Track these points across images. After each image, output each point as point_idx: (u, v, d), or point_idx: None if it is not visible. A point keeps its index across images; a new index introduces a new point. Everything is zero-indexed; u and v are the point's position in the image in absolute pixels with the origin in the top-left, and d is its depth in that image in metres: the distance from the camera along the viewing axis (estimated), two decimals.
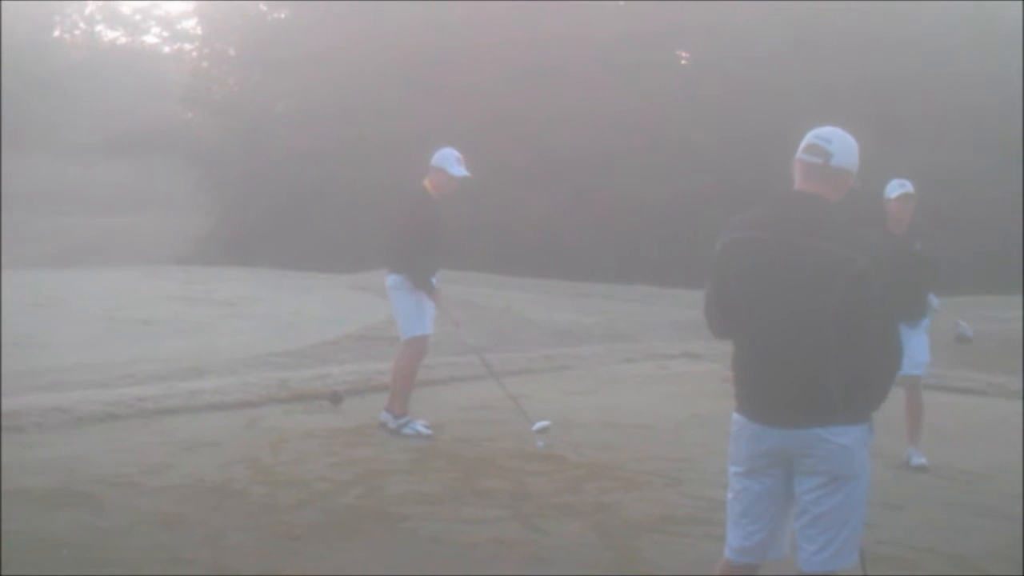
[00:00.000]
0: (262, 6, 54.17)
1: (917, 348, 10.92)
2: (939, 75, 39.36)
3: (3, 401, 12.31)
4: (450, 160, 11.87)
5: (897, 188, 10.84)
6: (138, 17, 76.83)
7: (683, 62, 48.06)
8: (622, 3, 46.49)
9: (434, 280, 12.01)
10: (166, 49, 73.18)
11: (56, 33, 77.65)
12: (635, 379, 16.26)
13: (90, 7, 78.23)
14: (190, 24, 63.09)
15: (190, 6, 61.91)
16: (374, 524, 8.67)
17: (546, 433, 11.23)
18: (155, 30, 75.90)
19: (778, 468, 5.72)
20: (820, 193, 5.69)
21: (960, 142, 38.22)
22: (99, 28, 79.45)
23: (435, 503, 9.29)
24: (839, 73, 39.46)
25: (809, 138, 5.79)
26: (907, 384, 11.00)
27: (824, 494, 5.61)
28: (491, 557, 8.05)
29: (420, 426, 11.79)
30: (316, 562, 7.81)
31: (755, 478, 5.79)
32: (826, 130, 5.80)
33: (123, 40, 79.06)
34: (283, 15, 53.01)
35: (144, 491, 9.30)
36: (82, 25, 78.98)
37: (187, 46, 63.32)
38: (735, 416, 5.86)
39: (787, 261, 5.58)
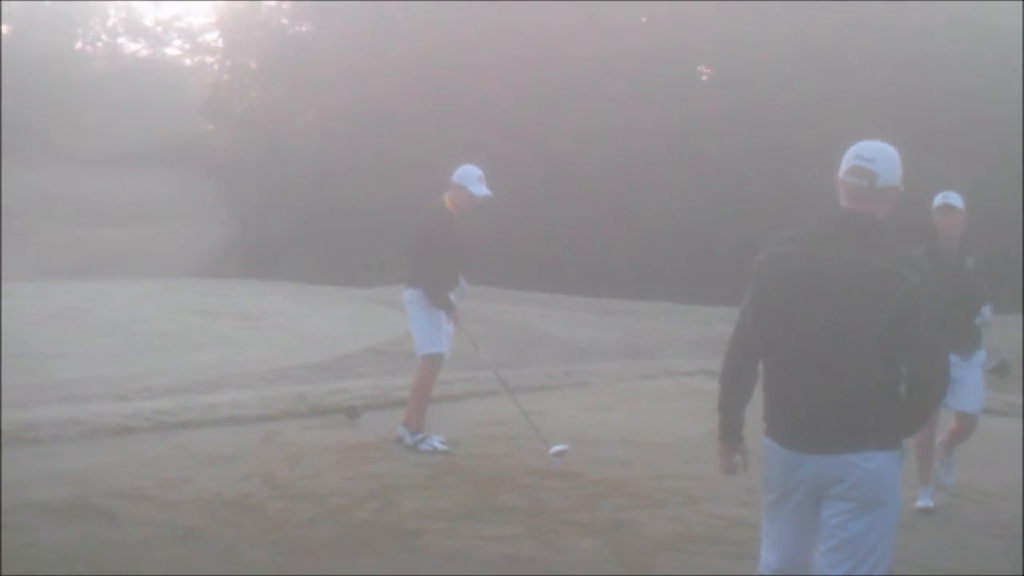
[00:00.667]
0: (284, 20, 54.30)
1: (974, 384, 10.60)
2: (949, 89, 39.36)
3: (20, 413, 12.37)
4: (472, 178, 11.83)
5: (939, 199, 10.64)
6: (160, 29, 76.91)
7: (704, 78, 48.07)
8: (645, 20, 46.49)
9: (452, 297, 12.01)
10: (187, 61, 73.36)
11: (78, 45, 77.81)
12: (653, 396, 16.22)
13: (112, 19, 78.38)
14: (212, 37, 63.21)
15: (212, 19, 61.94)
16: (389, 539, 8.67)
17: (563, 456, 11.18)
18: (177, 42, 76.05)
19: (810, 496, 5.68)
20: (868, 211, 5.63)
21: (962, 156, 38.17)
22: (121, 40, 79.59)
23: (451, 519, 9.28)
24: (860, 89, 39.42)
25: (851, 159, 5.68)
26: (963, 420, 10.77)
27: (851, 518, 5.57)
28: (506, 574, 8.04)
29: (436, 442, 11.77)
30: None
31: (787, 504, 5.77)
32: (868, 149, 5.68)
33: (145, 52, 79.15)
34: (304, 28, 53.14)
35: (160, 505, 9.31)
36: (104, 37, 79.12)
37: (208, 59, 63.50)
38: (766, 441, 5.82)
39: (836, 277, 5.52)
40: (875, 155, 5.66)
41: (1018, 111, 36.89)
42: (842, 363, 5.51)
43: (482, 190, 11.84)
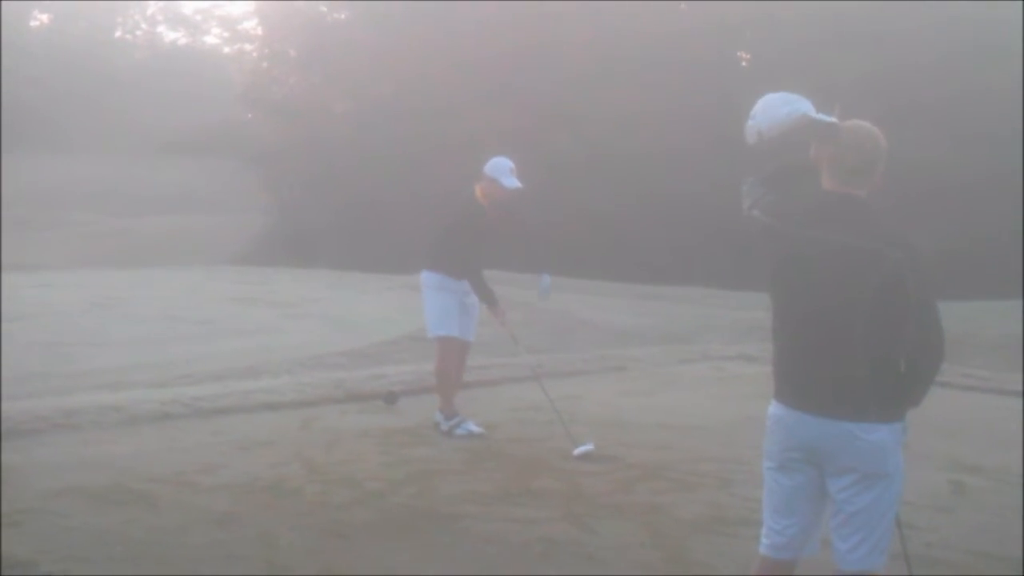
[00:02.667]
0: (322, 7, 54.39)
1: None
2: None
3: (61, 400, 12.47)
4: (503, 171, 11.78)
5: None
6: (199, 18, 77.36)
7: (743, 63, 47.94)
8: (684, 4, 46.40)
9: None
10: (226, 50, 73.55)
11: (118, 34, 78.15)
12: (690, 380, 16.22)
13: (151, 8, 78.76)
14: (250, 25, 63.39)
15: (251, 7, 62.21)
16: (426, 523, 8.69)
17: (588, 457, 11.13)
18: (215, 31, 76.35)
19: (809, 465, 5.69)
20: (853, 192, 5.69)
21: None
22: (160, 29, 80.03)
23: (487, 503, 9.30)
24: (898, 64, 39.24)
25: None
26: None
27: (856, 492, 5.58)
28: (542, 557, 8.05)
29: (472, 425, 11.80)
30: (368, 561, 7.84)
31: (787, 474, 5.78)
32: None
33: (184, 41, 79.60)
34: (343, 16, 53.21)
35: (199, 490, 9.36)
36: (143, 26, 79.55)
37: (247, 47, 63.65)
38: (770, 409, 5.83)
39: (821, 258, 5.57)
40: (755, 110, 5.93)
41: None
42: (832, 340, 5.57)
43: (513, 183, 11.79)
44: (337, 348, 18.30)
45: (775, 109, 5.80)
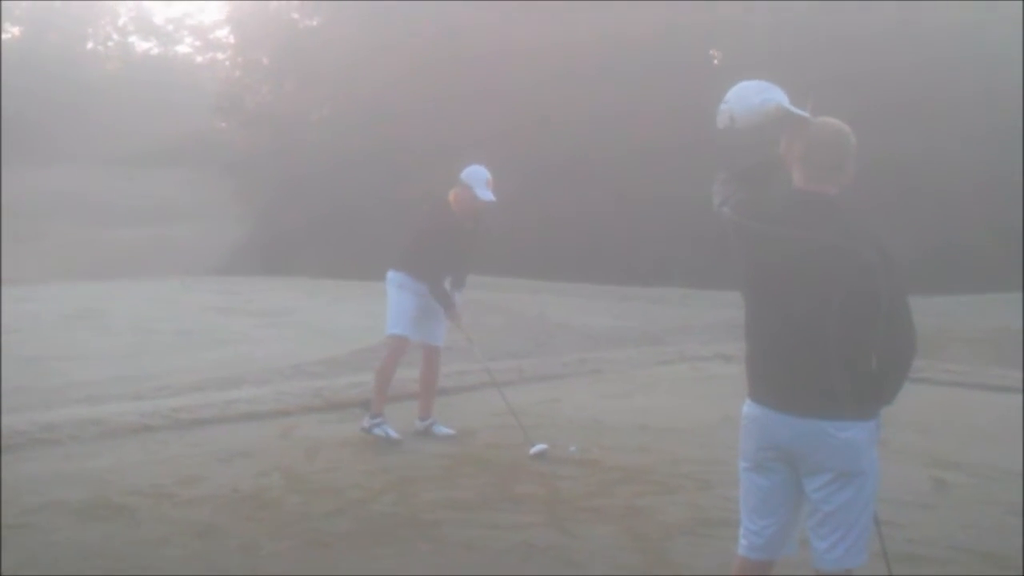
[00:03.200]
0: (294, 14, 54.28)
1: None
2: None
3: (39, 414, 12.46)
4: (479, 181, 11.77)
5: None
6: (171, 27, 77.01)
7: (715, 62, 47.99)
8: (658, 3, 46.46)
9: (458, 295, 12.11)
10: (199, 59, 73.43)
11: (89, 45, 77.89)
12: (668, 382, 16.26)
13: (123, 18, 78.47)
14: (223, 33, 63.29)
15: (223, 15, 61.97)
16: (407, 531, 8.71)
17: (542, 458, 11.15)
18: (188, 40, 76.10)
19: (785, 464, 5.70)
20: (822, 191, 5.70)
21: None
22: (132, 39, 79.65)
23: (468, 509, 9.33)
24: (876, 65, 39.33)
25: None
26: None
27: (832, 491, 5.59)
28: (523, 562, 8.08)
29: (390, 429, 11.79)
30: (350, 569, 7.86)
31: (763, 473, 5.79)
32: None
33: (156, 51, 79.26)
34: (315, 23, 53.10)
35: (179, 502, 9.37)
36: (115, 36, 79.15)
37: (220, 55, 63.56)
38: (744, 409, 5.84)
39: (792, 257, 5.58)
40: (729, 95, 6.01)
41: (1018, 86, 36.77)
42: (804, 339, 5.57)
43: (488, 195, 11.78)
44: (315, 356, 18.31)
45: (750, 96, 5.84)
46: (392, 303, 12.02)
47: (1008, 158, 36.59)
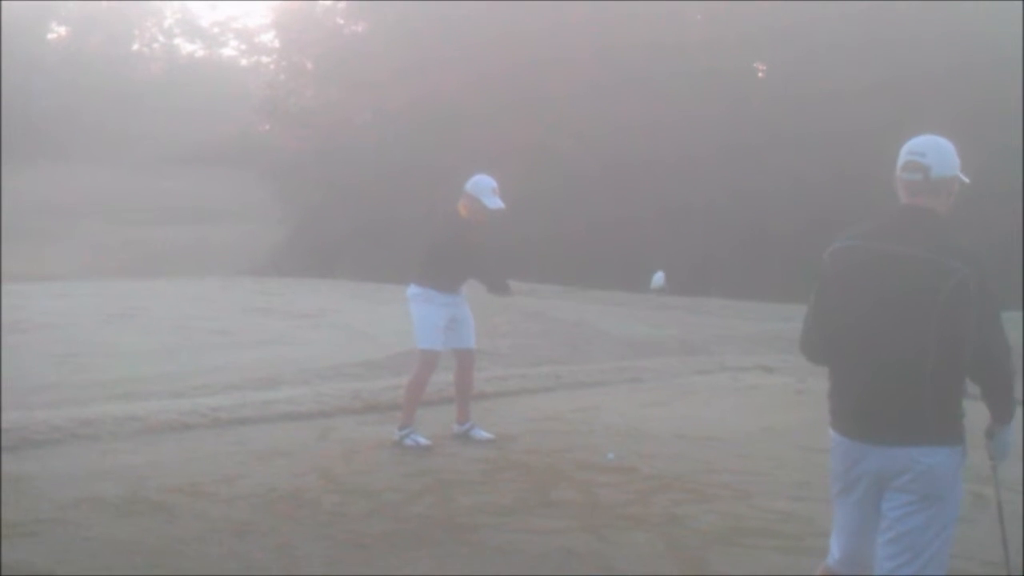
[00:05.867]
0: (339, 19, 54.44)
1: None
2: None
3: (79, 410, 12.49)
4: (485, 190, 11.74)
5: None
6: (216, 30, 77.41)
7: (760, 75, 47.95)
8: (699, 12, 46.42)
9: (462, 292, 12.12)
10: (244, 62, 73.78)
11: (135, 46, 78.27)
12: (707, 391, 16.18)
13: (168, 20, 78.82)
14: (268, 37, 63.51)
15: (268, 19, 62.14)
16: (443, 534, 8.70)
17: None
18: (233, 43, 76.61)
19: (873, 487, 5.71)
20: (928, 205, 5.70)
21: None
22: (177, 41, 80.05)
23: (505, 514, 9.30)
24: (911, 72, 39.21)
25: (904, 156, 5.77)
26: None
27: (910, 512, 5.59)
28: (560, 567, 8.05)
29: (420, 438, 11.76)
30: (386, 571, 7.85)
31: (851, 495, 5.81)
32: (920, 144, 5.77)
33: (201, 53, 79.65)
34: (360, 28, 53.26)
35: (216, 500, 9.37)
36: (160, 38, 79.58)
37: (264, 59, 63.79)
38: (831, 432, 5.87)
39: (890, 270, 5.58)
40: (926, 148, 5.73)
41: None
42: (898, 357, 5.55)
43: (496, 203, 11.75)
44: (355, 359, 18.30)
45: (950, 158, 5.76)
46: (418, 317, 11.97)
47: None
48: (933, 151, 5.73)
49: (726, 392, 16.15)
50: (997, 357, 5.61)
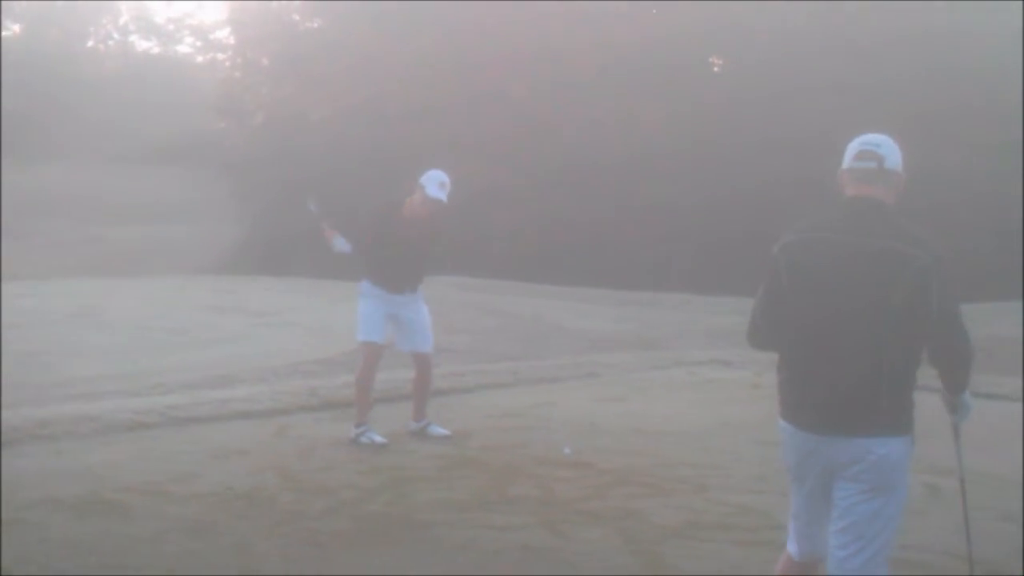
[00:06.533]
0: (295, 16, 54.31)
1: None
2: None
3: (34, 410, 12.45)
4: (433, 182, 11.83)
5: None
6: (171, 27, 77.01)
7: (716, 69, 48.03)
8: (655, 10, 46.49)
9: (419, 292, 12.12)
10: (199, 59, 73.42)
11: (90, 43, 77.87)
12: (664, 386, 16.25)
13: (124, 17, 78.45)
14: (223, 34, 63.32)
15: (223, 16, 61.94)
16: (401, 531, 8.70)
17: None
18: (188, 40, 76.13)
19: (825, 476, 5.76)
20: (878, 196, 5.75)
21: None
22: (132, 38, 79.64)
23: (462, 510, 9.31)
24: (874, 74, 39.37)
25: (857, 146, 5.86)
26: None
27: (861, 501, 5.63)
28: (517, 563, 8.07)
29: (375, 435, 11.77)
30: (343, 569, 7.84)
31: (805, 481, 5.87)
32: (871, 136, 5.88)
33: (156, 50, 79.25)
34: (316, 24, 53.15)
35: (173, 499, 9.36)
36: (115, 35, 79.15)
37: (220, 56, 63.58)
38: (781, 423, 5.91)
39: (847, 260, 5.60)
40: (880, 141, 5.85)
41: (1019, 94, 36.80)
42: (855, 345, 5.58)
43: (436, 193, 11.79)
44: (311, 356, 18.31)
45: (898, 154, 5.87)
46: (360, 311, 12.05)
47: (1009, 167, 36.64)
48: (885, 144, 5.83)
49: (683, 387, 16.22)
50: (960, 342, 5.68)
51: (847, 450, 5.60)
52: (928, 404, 5.92)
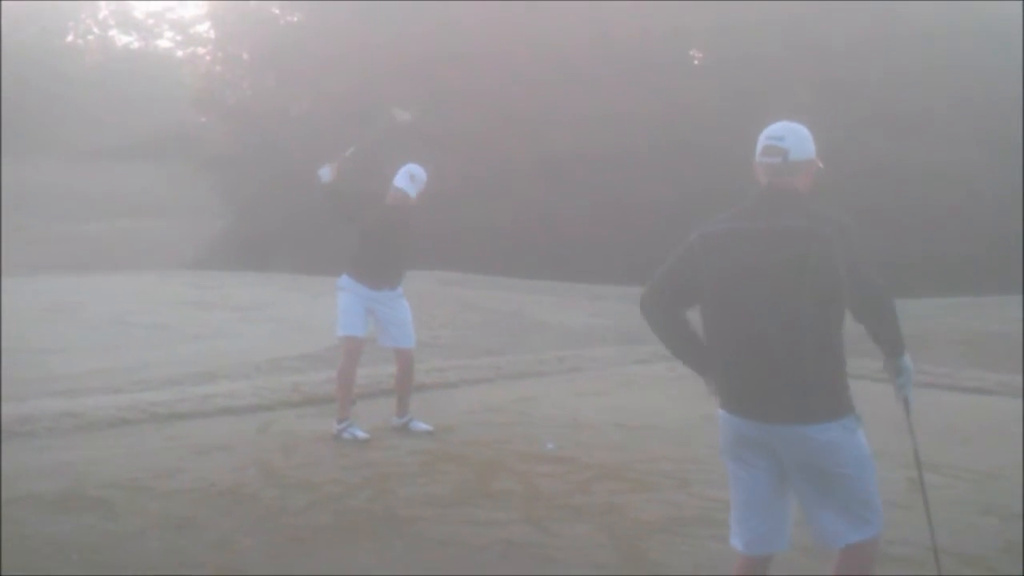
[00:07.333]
0: (275, 9, 54.20)
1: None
2: (941, 71, 39.38)
3: (16, 406, 12.42)
4: (404, 174, 12.15)
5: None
6: (151, 21, 76.93)
7: (696, 62, 48.04)
8: (633, 3, 46.46)
9: (399, 289, 12.14)
10: (179, 53, 73.14)
11: (69, 38, 77.74)
12: (646, 381, 16.25)
13: (103, 12, 78.32)
14: (203, 28, 63.12)
15: (203, 10, 61.77)
16: (384, 527, 8.70)
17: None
18: (168, 34, 75.95)
19: (766, 459, 5.74)
20: (788, 184, 5.80)
21: (962, 138, 38.20)
22: (112, 33, 79.57)
23: (445, 505, 9.32)
24: (849, 71, 39.43)
25: (763, 141, 5.92)
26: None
27: (816, 484, 5.66)
28: (500, 558, 8.07)
29: (358, 431, 11.79)
30: (326, 565, 7.84)
31: (744, 468, 5.84)
32: (778, 129, 5.92)
33: (136, 45, 79.19)
34: (296, 18, 53.04)
35: (155, 495, 9.35)
36: (95, 30, 79.08)
37: (200, 50, 63.35)
38: (719, 411, 5.93)
39: (758, 245, 5.65)
40: (784, 133, 5.89)
41: (1018, 91, 36.88)
42: (776, 328, 5.59)
43: (402, 183, 12.13)
44: (293, 352, 18.28)
45: (807, 142, 5.87)
46: (339, 305, 12.12)
47: (1008, 164, 36.75)
48: (791, 135, 5.87)
49: (665, 381, 16.20)
50: (878, 293, 5.70)
51: (786, 439, 5.61)
52: (919, 400, 5.93)
